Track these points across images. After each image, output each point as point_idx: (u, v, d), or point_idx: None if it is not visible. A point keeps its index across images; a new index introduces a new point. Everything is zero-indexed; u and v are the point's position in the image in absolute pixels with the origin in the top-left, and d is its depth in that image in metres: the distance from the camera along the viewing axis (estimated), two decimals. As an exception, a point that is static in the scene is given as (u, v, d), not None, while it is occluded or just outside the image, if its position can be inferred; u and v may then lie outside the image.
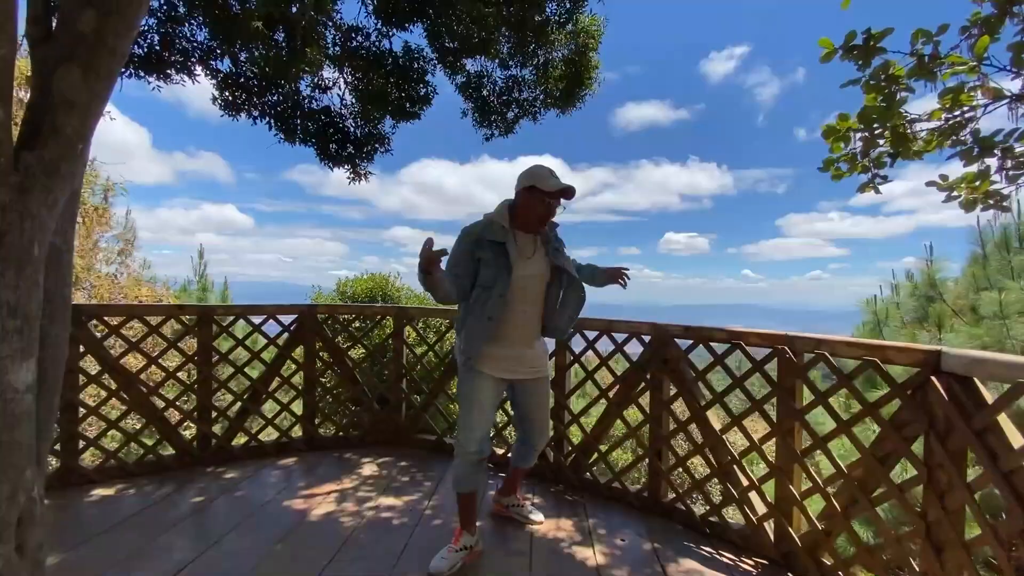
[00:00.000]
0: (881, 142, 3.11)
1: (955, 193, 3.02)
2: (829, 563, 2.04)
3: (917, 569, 1.76)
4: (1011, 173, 2.84)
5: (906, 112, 2.97)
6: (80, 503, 2.72)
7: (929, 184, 3.07)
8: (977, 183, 2.93)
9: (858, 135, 3.17)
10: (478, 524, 2.33)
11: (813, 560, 2.09)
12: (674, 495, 2.65)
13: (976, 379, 1.61)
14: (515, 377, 2.21)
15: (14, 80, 1.07)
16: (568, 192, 2.12)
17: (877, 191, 3.30)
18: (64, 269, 1.38)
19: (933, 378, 1.70)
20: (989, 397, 1.57)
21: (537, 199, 2.09)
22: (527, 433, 2.40)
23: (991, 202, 2.98)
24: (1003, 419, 1.52)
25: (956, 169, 2.91)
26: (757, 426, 5.51)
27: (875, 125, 3.09)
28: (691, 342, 2.59)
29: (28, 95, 1.30)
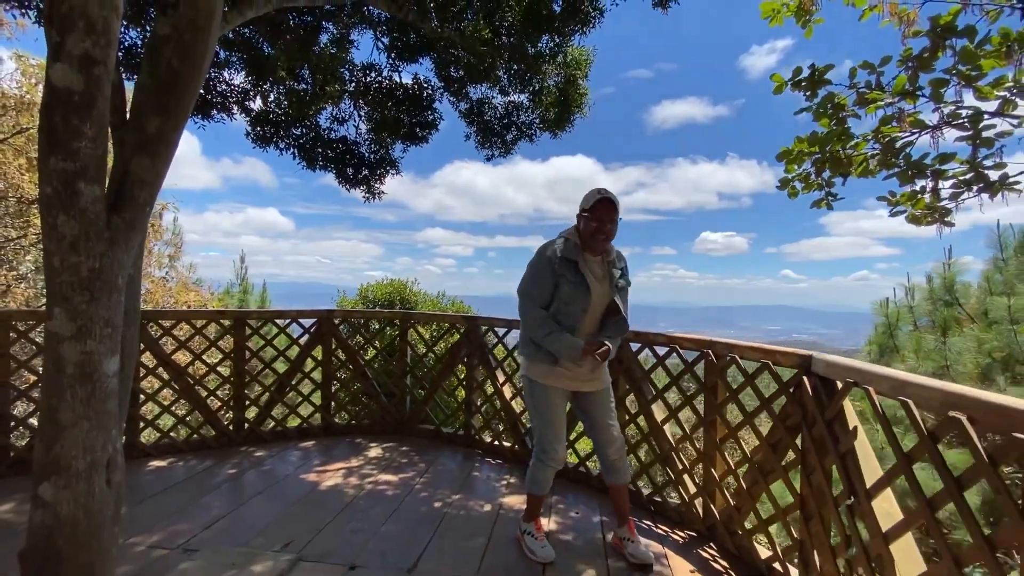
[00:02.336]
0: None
1: (901, 207, 3.34)
2: (740, 533, 2.43)
3: (795, 535, 2.13)
4: (952, 192, 3.14)
5: (857, 137, 3.30)
6: (139, 471, 3.35)
7: (880, 199, 3.39)
8: (915, 201, 3.24)
9: (810, 158, 3.52)
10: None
11: (728, 531, 2.47)
12: (627, 478, 3.06)
13: (836, 379, 1.98)
14: (580, 389, 2.38)
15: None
16: (601, 204, 2.21)
17: (829, 207, 3.64)
18: (135, 289, 1.95)
19: (804, 378, 2.07)
20: (844, 396, 1.94)
21: (584, 219, 2.26)
22: (599, 444, 2.44)
23: (935, 217, 3.29)
24: (848, 410, 1.88)
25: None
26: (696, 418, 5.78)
27: (826, 149, 3.43)
28: (640, 345, 3.00)
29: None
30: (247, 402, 3.93)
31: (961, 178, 3.01)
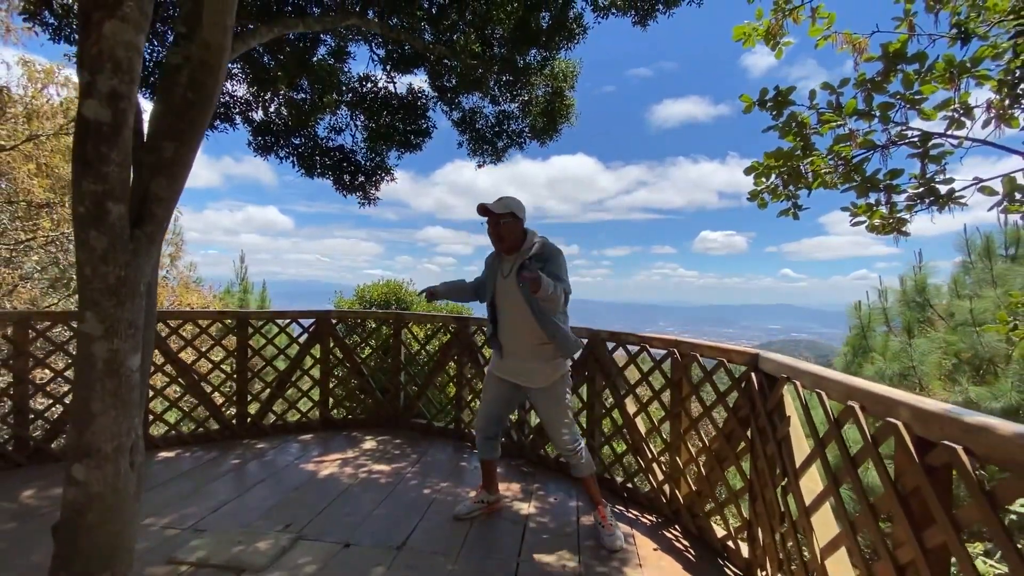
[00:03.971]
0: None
1: (861, 218, 3.59)
2: (701, 515, 2.67)
3: (745, 515, 2.38)
4: (906, 204, 3.40)
5: (821, 153, 3.55)
6: (149, 461, 3.58)
7: (843, 209, 3.64)
8: (871, 212, 3.49)
9: (777, 171, 3.77)
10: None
11: (690, 514, 2.71)
12: (604, 467, 3.31)
13: (778, 375, 2.22)
14: (517, 381, 2.64)
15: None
16: (481, 210, 2.50)
17: (796, 217, 3.87)
18: (153, 295, 2.18)
19: (752, 374, 2.31)
20: (786, 390, 2.18)
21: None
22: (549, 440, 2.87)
23: (893, 226, 3.54)
24: (787, 402, 2.12)
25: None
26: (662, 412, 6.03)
27: (786, 163, 3.68)
28: (614, 344, 3.24)
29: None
30: (249, 398, 4.16)
31: (914, 192, 3.27)
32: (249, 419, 4.14)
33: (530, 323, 2.49)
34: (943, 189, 3.16)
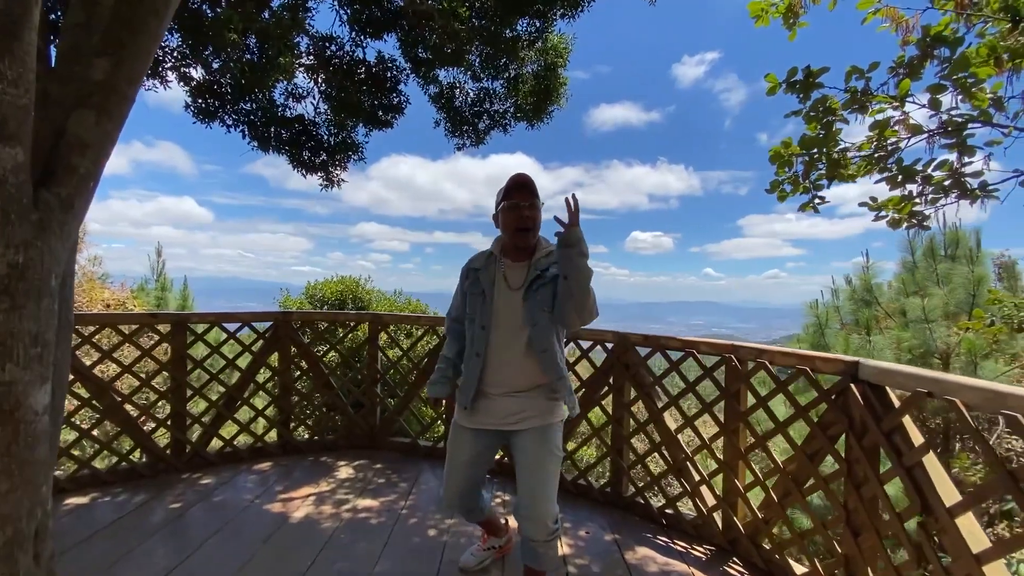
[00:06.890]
0: (821, 166, 3.43)
1: (883, 213, 3.38)
2: (768, 547, 2.31)
3: (840, 550, 2.03)
4: (931, 197, 3.21)
5: (842, 140, 3.31)
6: (54, 513, 2.71)
7: (861, 205, 3.42)
8: (901, 205, 3.29)
9: (799, 160, 3.49)
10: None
11: (754, 545, 2.34)
12: (634, 490, 2.89)
13: (888, 387, 1.89)
14: (502, 428, 1.87)
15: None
16: (516, 188, 1.87)
17: (816, 211, 3.63)
18: (68, 293, 1.46)
19: (852, 385, 1.96)
20: (897, 402, 1.85)
21: (504, 209, 1.87)
22: (515, 504, 1.90)
23: (914, 221, 3.35)
24: (907, 421, 1.79)
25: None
26: (709, 426, 5.88)
27: (813, 151, 3.41)
28: (650, 349, 2.82)
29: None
30: (188, 420, 3.35)
31: (939, 183, 3.10)
32: (188, 447, 3.33)
33: (534, 357, 1.82)
34: (973, 182, 3.02)
